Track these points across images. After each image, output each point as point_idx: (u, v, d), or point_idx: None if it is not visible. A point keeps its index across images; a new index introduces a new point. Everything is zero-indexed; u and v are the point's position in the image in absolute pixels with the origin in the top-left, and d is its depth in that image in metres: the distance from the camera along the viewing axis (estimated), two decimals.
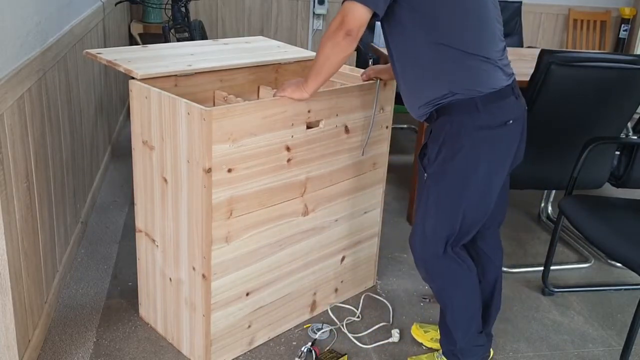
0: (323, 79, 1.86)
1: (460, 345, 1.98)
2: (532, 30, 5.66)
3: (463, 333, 1.97)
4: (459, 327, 1.97)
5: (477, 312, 1.99)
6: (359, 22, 1.72)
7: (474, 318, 1.99)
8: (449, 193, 1.83)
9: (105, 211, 3.13)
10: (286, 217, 2.08)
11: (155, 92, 1.89)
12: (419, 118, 1.90)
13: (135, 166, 2.09)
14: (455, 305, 1.95)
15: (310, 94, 1.91)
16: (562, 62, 2.44)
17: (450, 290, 1.95)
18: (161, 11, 4.81)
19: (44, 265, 2.17)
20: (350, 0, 1.71)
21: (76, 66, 2.76)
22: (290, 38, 5.40)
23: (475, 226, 1.89)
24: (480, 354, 2.02)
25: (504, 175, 1.88)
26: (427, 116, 1.86)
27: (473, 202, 1.84)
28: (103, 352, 2.11)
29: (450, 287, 1.94)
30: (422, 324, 2.32)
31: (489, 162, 1.80)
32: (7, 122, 1.75)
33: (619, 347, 2.33)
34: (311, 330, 2.26)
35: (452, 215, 1.84)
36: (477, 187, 1.82)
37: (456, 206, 1.83)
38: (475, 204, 1.85)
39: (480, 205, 1.86)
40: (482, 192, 1.84)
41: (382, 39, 3.74)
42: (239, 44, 2.56)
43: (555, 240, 2.53)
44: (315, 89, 1.90)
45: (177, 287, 2.06)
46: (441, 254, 1.88)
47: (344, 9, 1.73)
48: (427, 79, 1.81)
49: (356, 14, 1.71)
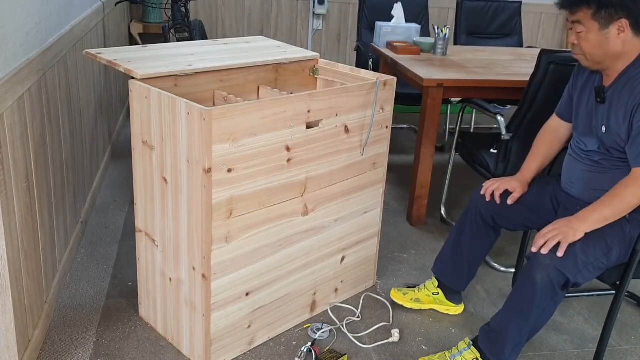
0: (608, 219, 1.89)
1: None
2: (532, 30, 5.66)
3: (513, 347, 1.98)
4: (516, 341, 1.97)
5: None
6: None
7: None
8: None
9: (105, 211, 3.13)
10: (286, 217, 2.08)
11: (155, 92, 1.89)
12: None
13: (135, 166, 2.09)
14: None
15: (584, 231, 1.87)
16: (562, 62, 2.44)
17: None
18: (161, 11, 4.81)
19: (44, 265, 2.17)
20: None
21: (76, 66, 2.76)
22: (290, 38, 5.40)
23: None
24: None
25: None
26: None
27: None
28: (103, 352, 2.11)
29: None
30: (399, 287, 2.44)
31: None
32: (7, 122, 1.75)
33: (619, 347, 2.33)
34: (311, 331, 2.26)
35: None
36: None
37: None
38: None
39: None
40: None
41: (382, 39, 3.74)
42: (239, 44, 2.56)
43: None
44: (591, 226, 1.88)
45: (177, 287, 2.06)
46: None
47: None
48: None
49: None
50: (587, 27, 1.91)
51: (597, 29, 1.89)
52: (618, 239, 1.91)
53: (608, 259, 1.90)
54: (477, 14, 4.47)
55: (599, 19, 1.88)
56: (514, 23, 4.53)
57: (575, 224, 1.87)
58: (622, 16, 1.86)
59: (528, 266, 1.88)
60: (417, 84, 3.01)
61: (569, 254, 1.84)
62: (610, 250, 1.89)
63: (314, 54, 2.52)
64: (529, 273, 1.86)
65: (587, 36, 1.91)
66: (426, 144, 3.05)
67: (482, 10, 4.47)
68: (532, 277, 1.85)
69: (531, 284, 1.85)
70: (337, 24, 5.44)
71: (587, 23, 1.90)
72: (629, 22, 1.87)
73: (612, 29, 1.87)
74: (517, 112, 2.66)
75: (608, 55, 1.92)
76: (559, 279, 1.83)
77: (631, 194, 1.86)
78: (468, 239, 2.30)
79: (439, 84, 2.93)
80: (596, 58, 1.94)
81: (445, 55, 3.54)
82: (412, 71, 3.05)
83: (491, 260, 2.83)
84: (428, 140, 3.04)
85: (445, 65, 3.26)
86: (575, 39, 1.96)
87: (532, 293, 1.86)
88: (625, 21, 1.86)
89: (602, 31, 1.89)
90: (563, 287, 1.85)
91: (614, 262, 1.93)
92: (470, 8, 4.45)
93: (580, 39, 1.94)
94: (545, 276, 1.82)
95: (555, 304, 1.88)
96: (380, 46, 3.71)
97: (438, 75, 3.00)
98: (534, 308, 1.87)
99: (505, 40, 4.51)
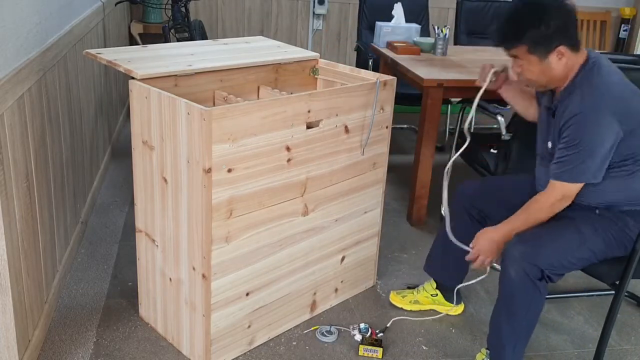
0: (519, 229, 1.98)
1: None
2: None
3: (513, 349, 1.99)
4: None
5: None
6: (576, 192, 1.92)
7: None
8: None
9: (105, 211, 3.13)
10: (286, 217, 2.08)
11: (155, 92, 1.89)
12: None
13: (135, 166, 2.09)
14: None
15: (501, 238, 2.00)
16: None
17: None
18: (161, 11, 4.81)
19: (44, 265, 2.17)
20: (564, 182, 1.89)
21: (76, 66, 2.76)
22: (290, 38, 5.40)
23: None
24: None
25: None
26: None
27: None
28: (103, 352, 2.11)
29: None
30: (398, 290, 2.44)
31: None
32: (7, 122, 1.75)
33: (619, 347, 2.33)
34: (320, 333, 2.26)
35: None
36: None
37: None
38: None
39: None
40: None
41: (382, 39, 3.74)
42: (238, 44, 2.56)
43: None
44: (507, 234, 1.99)
45: (177, 287, 2.06)
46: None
47: (559, 190, 1.91)
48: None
49: (574, 190, 1.91)
50: (527, 60, 1.91)
51: (537, 61, 1.90)
52: (591, 230, 1.92)
53: (586, 250, 1.91)
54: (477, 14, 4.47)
55: (536, 52, 1.89)
56: None
57: (492, 234, 2.02)
58: (558, 44, 1.86)
59: (502, 263, 1.92)
60: (417, 84, 3.01)
61: (535, 244, 1.88)
62: (586, 241, 1.91)
63: (314, 54, 2.52)
64: (504, 269, 1.91)
65: (529, 68, 1.93)
66: (426, 144, 3.05)
67: (482, 10, 4.47)
68: (507, 274, 1.89)
69: (508, 280, 1.89)
70: (337, 24, 5.44)
71: (526, 57, 1.91)
72: (566, 45, 1.87)
73: (552, 57, 1.88)
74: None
75: (553, 78, 1.94)
76: (532, 270, 1.85)
77: (544, 208, 1.94)
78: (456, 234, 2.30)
79: (439, 84, 2.93)
80: (542, 82, 1.97)
81: (445, 55, 3.54)
82: (412, 71, 3.04)
83: None
84: (428, 140, 3.04)
85: (445, 65, 3.26)
86: (517, 68, 1.97)
87: (511, 289, 1.90)
88: (563, 47, 1.87)
89: (543, 61, 1.89)
90: (540, 278, 1.87)
91: (594, 256, 1.93)
92: (470, 8, 4.45)
93: (524, 71, 1.95)
94: (518, 270, 1.86)
95: (540, 296, 1.90)
96: (380, 46, 3.71)
97: (438, 75, 3.00)
98: (518, 303, 1.90)
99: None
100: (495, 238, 2.00)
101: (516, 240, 1.92)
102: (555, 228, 1.93)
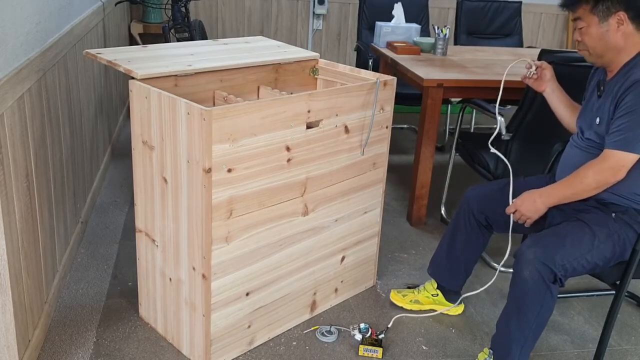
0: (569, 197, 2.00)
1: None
2: (532, 30, 5.66)
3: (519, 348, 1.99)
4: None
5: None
6: (628, 166, 1.91)
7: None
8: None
9: (105, 211, 3.13)
10: (286, 217, 2.08)
11: (155, 92, 1.89)
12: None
13: (135, 166, 2.09)
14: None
15: (544, 200, 2.02)
16: (562, 62, 2.44)
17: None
18: (161, 11, 4.81)
19: (44, 265, 2.17)
20: (617, 150, 1.88)
21: (76, 66, 2.76)
22: (290, 38, 5.40)
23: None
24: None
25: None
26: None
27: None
28: (103, 352, 2.11)
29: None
30: (399, 289, 2.45)
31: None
32: (7, 122, 1.75)
33: (619, 347, 2.33)
34: (320, 333, 2.26)
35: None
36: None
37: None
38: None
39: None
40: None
41: (382, 39, 3.74)
42: (238, 44, 2.56)
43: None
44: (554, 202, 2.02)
45: (177, 287, 2.06)
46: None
47: (611, 158, 1.90)
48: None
49: (626, 161, 1.89)
50: (588, 21, 1.97)
51: (597, 22, 1.95)
52: (605, 234, 1.92)
53: (598, 254, 1.91)
54: (477, 14, 4.47)
55: (598, 13, 1.94)
56: (514, 23, 4.53)
57: (537, 196, 2.02)
58: (620, 9, 1.92)
59: (515, 264, 1.91)
60: (417, 84, 3.01)
61: (550, 247, 1.88)
62: (599, 245, 1.91)
63: (314, 54, 2.52)
64: (517, 271, 1.90)
65: (588, 30, 1.98)
66: (426, 144, 3.05)
67: (482, 10, 4.47)
68: (520, 275, 1.89)
69: (521, 281, 1.89)
70: (337, 24, 5.44)
71: (587, 18, 1.97)
72: (628, 15, 1.92)
73: (611, 21, 1.93)
74: (517, 112, 2.66)
75: (609, 48, 1.97)
76: (546, 272, 1.85)
77: (591, 176, 1.93)
78: (462, 239, 2.31)
79: (439, 84, 2.93)
80: (598, 51, 2.00)
81: (445, 55, 3.54)
82: (412, 71, 3.05)
83: (491, 260, 2.83)
84: (428, 140, 3.04)
85: (445, 65, 3.26)
86: (578, 35, 2.03)
87: (524, 290, 1.89)
88: (624, 14, 1.92)
89: (602, 24, 1.95)
90: (554, 280, 1.87)
91: (605, 260, 1.93)
92: (470, 8, 4.45)
93: (583, 34, 2.00)
94: (532, 271, 1.86)
95: (552, 298, 1.89)
96: (380, 46, 3.71)
97: (438, 75, 3.00)
98: (529, 305, 1.89)
99: (505, 40, 4.51)
100: (538, 199, 2.02)
101: (530, 242, 1.91)
102: (570, 231, 1.93)
